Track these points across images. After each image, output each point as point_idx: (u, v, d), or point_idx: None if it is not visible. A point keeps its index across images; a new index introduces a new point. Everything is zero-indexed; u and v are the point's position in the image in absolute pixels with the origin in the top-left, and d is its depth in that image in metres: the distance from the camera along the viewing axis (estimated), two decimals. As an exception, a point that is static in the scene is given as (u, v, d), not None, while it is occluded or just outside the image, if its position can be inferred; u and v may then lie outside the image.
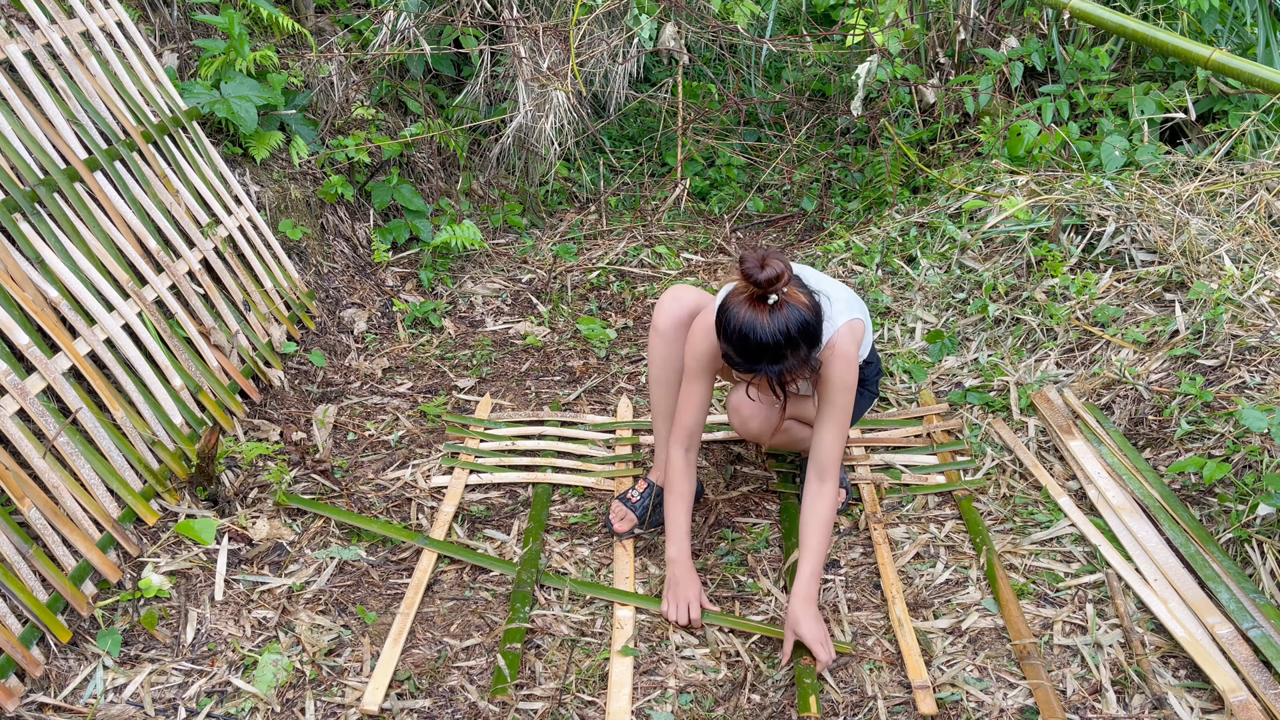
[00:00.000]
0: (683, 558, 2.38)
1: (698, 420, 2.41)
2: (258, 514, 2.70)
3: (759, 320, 2.04)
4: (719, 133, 5.28)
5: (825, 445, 2.28)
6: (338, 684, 2.20)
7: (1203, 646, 2.11)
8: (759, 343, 2.05)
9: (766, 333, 2.04)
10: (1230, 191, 3.51)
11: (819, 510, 2.27)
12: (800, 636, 2.19)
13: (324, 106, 4.10)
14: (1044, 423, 2.91)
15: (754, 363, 2.09)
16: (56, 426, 2.40)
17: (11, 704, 2.04)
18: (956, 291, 3.58)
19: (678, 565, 2.38)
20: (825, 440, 2.28)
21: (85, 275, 2.75)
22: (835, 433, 2.28)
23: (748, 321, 2.05)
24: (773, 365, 2.09)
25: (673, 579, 2.38)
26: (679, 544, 2.38)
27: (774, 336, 2.04)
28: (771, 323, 2.04)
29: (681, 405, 2.40)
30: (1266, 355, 2.74)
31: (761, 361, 2.08)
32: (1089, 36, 4.30)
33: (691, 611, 2.34)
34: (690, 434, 2.41)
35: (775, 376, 2.10)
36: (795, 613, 2.20)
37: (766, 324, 2.04)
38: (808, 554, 2.24)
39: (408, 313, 3.82)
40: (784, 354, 2.06)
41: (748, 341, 2.06)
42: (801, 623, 2.19)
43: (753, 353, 2.07)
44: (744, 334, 2.06)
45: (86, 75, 3.10)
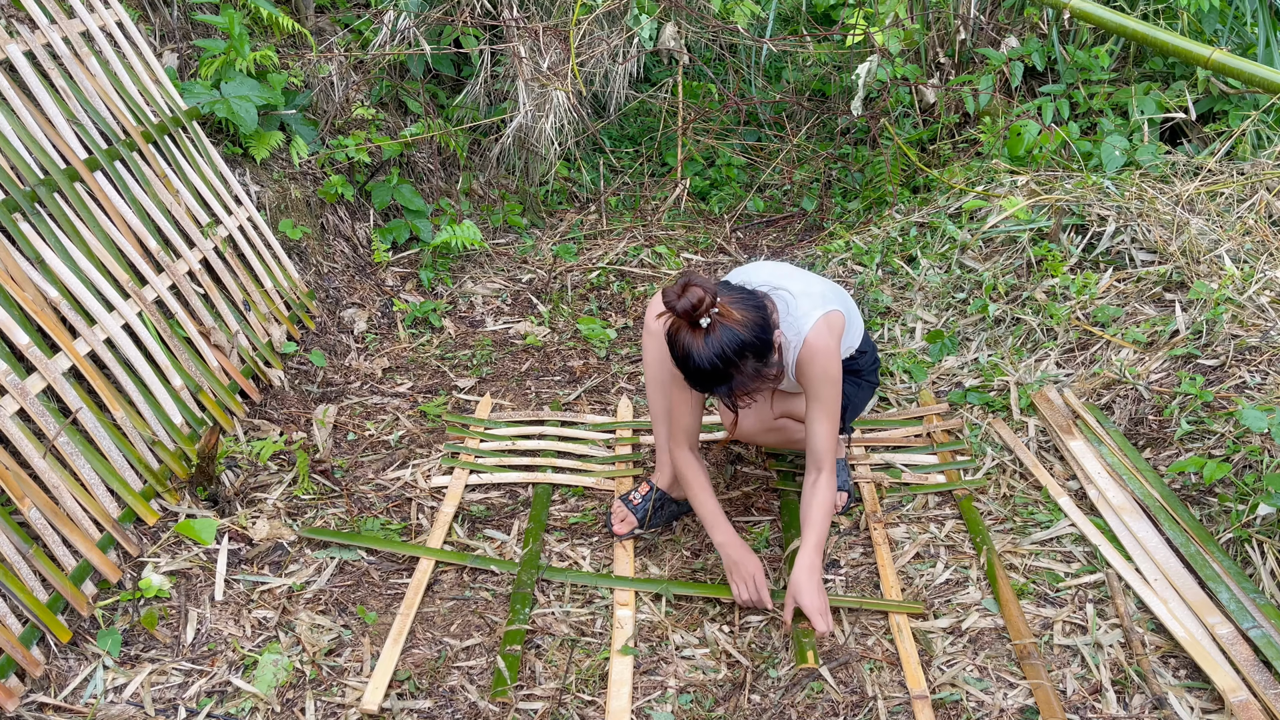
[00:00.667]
0: (733, 539, 2.40)
1: (695, 420, 2.44)
2: (258, 514, 2.70)
3: (694, 346, 2.06)
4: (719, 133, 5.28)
5: (817, 437, 2.32)
6: (338, 684, 2.20)
7: (1203, 646, 2.11)
8: (698, 368, 2.08)
9: (703, 358, 2.06)
10: (1230, 191, 3.51)
11: (816, 496, 2.32)
12: (800, 605, 2.24)
13: (324, 106, 4.10)
14: (1044, 423, 2.91)
15: (702, 386, 2.13)
16: (56, 426, 2.40)
17: (11, 704, 2.04)
18: (956, 291, 3.58)
19: (731, 547, 2.40)
20: (817, 433, 2.32)
21: (85, 275, 2.75)
22: (826, 425, 2.31)
23: (684, 347, 2.08)
24: (720, 385, 2.11)
25: (731, 562, 2.39)
26: (724, 529, 2.41)
27: (710, 361, 2.06)
28: (706, 347, 2.06)
29: (677, 408, 2.42)
30: (1266, 355, 2.74)
31: (709, 385, 2.11)
32: (1089, 36, 4.30)
33: (760, 587, 2.36)
34: (690, 434, 2.44)
35: (725, 395, 2.14)
36: (797, 581, 2.25)
37: (701, 349, 2.06)
38: (809, 529, 2.31)
39: (408, 313, 3.82)
40: (728, 374, 2.09)
41: (690, 368, 2.09)
42: (803, 592, 2.24)
43: (699, 378, 2.11)
44: (684, 361, 2.09)
45: (86, 75, 3.10)
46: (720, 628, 2.35)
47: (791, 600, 2.26)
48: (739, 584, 2.36)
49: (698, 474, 2.44)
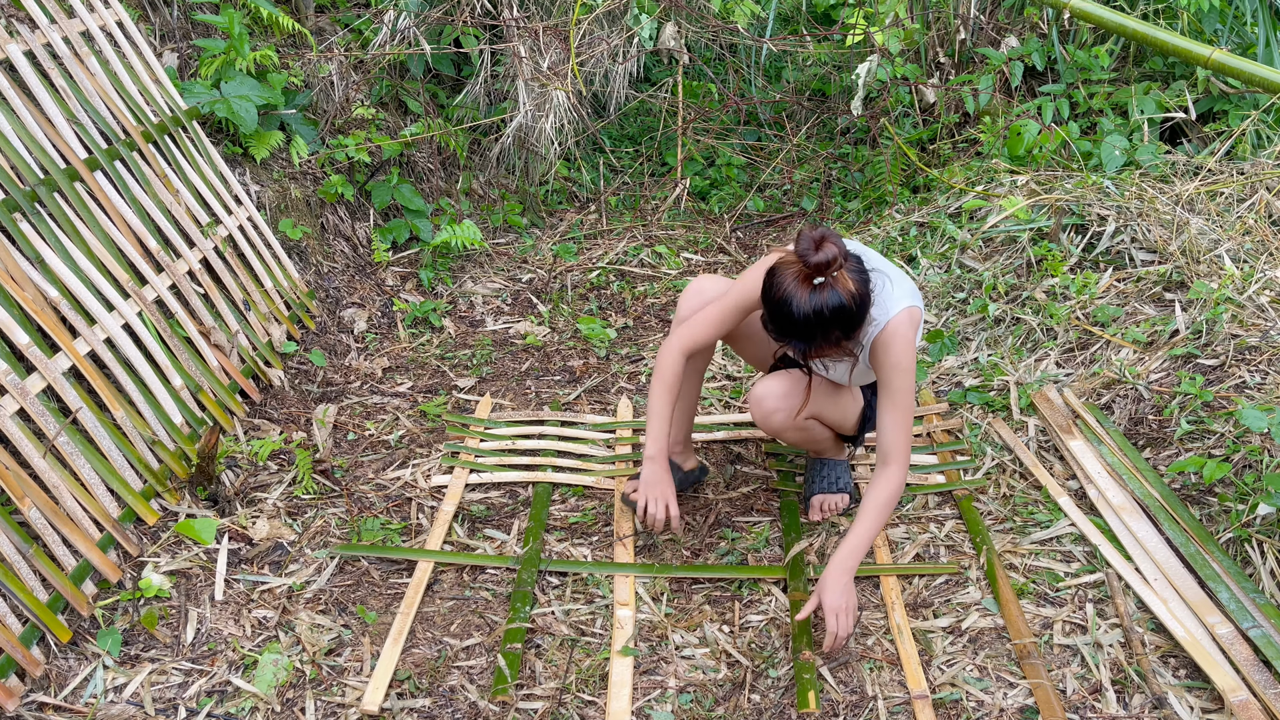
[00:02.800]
0: (660, 455, 2.37)
1: (710, 340, 2.39)
2: (258, 514, 2.70)
3: (798, 296, 2.04)
4: (719, 132, 5.28)
5: (887, 430, 2.26)
6: (338, 684, 2.20)
7: (1203, 646, 2.11)
8: (791, 318, 2.06)
9: (801, 310, 2.05)
10: (1230, 191, 3.51)
11: (876, 493, 2.24)
12: (821, 601, 2.19)
13: (324, 106, 4.10)
14: (1044, 422, 2.91)
15: (783, 335, 2.11)
16: (56, 426, 2.40)
17: (11, 704, 2.04)
18: (956, 291, 3.58)
19: (656, 463, 2.36)
20: (886, 425, 2.26)
21: (85, 275, 2.75)
22: (896, 417, 2.25)
23: (787, 295, 2.05)
24: (800, 342, 2.10)
25: (650, 476, 2.36)
26: (659, 441, 2.36)
27: (807, 316, 2.05)
28: (809, 301, 2.04)
29: (707, 316, 2.37)
30: (1266, 355, 2.74)
31: (790, 336, 2.10)
32: (1089, 36, 4.30)
33: (670, 509, 2.33)
34: (697, 345, 2.39)
35: (800, 352, 2.13)
36: (826, 578, 2.21)
37: (804, 301, 2.04)
38: (856, 526, 2.23)
39: (408, 312, 3.82)
40: (814, 334, 2.07)
41: (781, 313, 2.07)
42: (827, 589, 2.19)
43: (784, 325, 2.09)
44: (780, 305, 2.07)
45: (86, 75, 3.10)
46: (720, 628, 2.35)
47: (817, 595, 2.21)
48: (647, 500, 2.35)
49: (672, 375, 2.36)
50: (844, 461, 2.73)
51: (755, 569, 2.48)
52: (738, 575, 2.47)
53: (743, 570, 2.48)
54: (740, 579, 2.48)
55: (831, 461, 2.70)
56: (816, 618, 2.27)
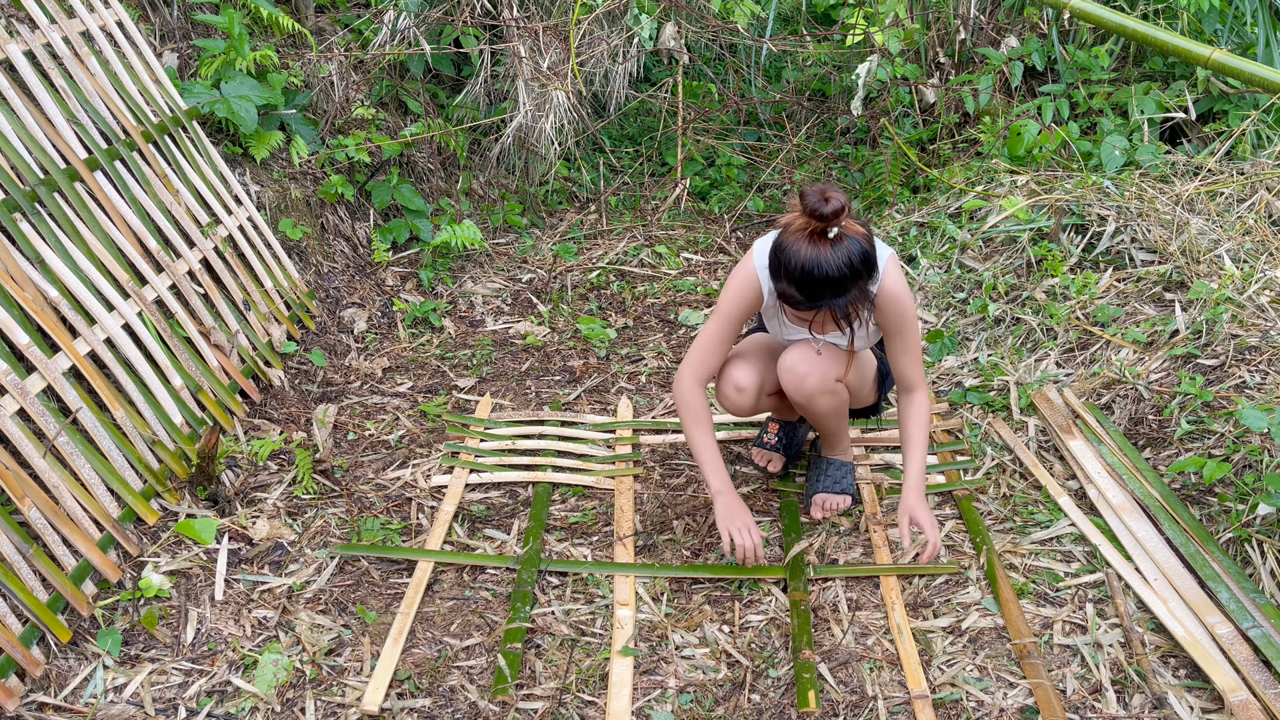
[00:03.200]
0: (729, 489, 2.42)
1: (719, 364, 2.43)
2: (258, 514, 2.70)
3: (822, 255, 2.05)
4: (719, 133, 5.28)
5: (906, 366, 2.38)
6: (338, 684, 2.20)
7: (1203, 646, 2.11)
8: (825, 277, 2.06)
9: (832, 265, 2.05)
10: (1230, 191, 3.51)
11: (915, 415, 2.40)
12: (917, 521, 2.34)
13: (324, 106, 4.10)
14: (1044, 422, 2.91)
15: (818, 299, 2.11)
16: (56, 426, 2.40)
17: (11, 704, 2.04)
18: (956, 291, 3.58)
19: (727, 495, 2.41)
20: (904, 363, 2.37)
21: (85, 275, 2.75)
22: (912, 354, 2.37)
23: (811, 258, 2.06)
24: (837, 298, 2.11)
25: (725, 509, 2.41)
26: (721, 475, 2.42)
27: (839, 269, 2.06)
28: (835, 256, 2.05)
29: (708, 346, 2.39)
30: (1266, 355, 2.74)
31: (825, 296, 2.10)
32: (1089, 36, 4.31)
33: (754, 536, 2.38)
34: (710, 373, 2.42)
35: (840, 309, 2.13)
36: (909, 501, 2.36)
37: (830, 257, 2.05)
38: (913, 450, 2.40)
39: (408, 312, 3.82)
40: (848, 286, 2.09)
41: (812, 277, 2.07)
42: (915, 508, 2.35)
43: (818, 288, 2.09)
44: (808, 270, 2.07)
45: (86, 75, 3.10)
46: (720, 628, 2.35)
47: (905, 518, 2.35)
48: (733, 532, 2.37)
49: (705, 410, 2.41)
50: (849, 463, 2.73)
51: (755, 569, 2.48)
52: (738, 575, 2.47)
53: (743, 570, 2.48)
54: (740, 579, 2.48)
55: (837, 461, 2.71)
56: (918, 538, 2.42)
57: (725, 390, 2.56)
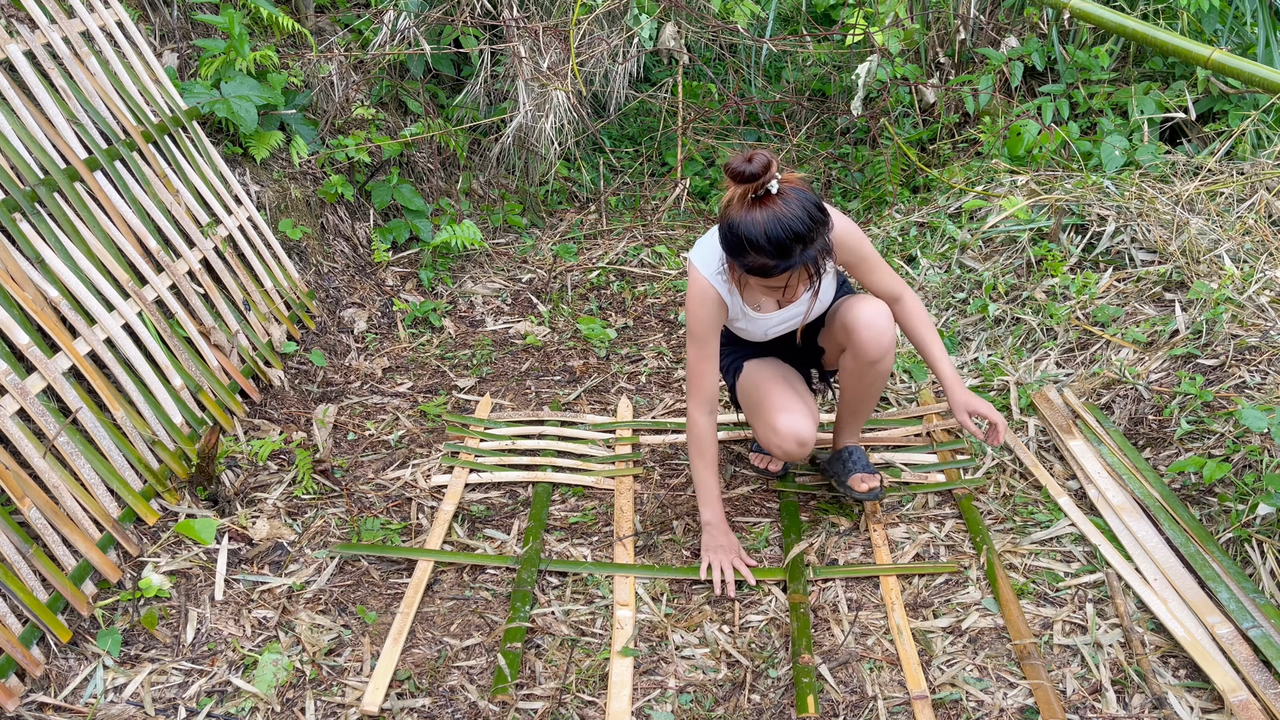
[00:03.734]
0: (719, 520, 2.46)
1: (714, 385, 2.43)
2: (258, 514, 2.70)
3: (778, 212, 2.03)
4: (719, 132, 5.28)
5: (884, 283, 2.43)
6: (338, 684, 2.20)
7: (1203, 646, 2.11)
8: (791, 231, 2.03)
9: (792, 218, 2.03)
10: (1230, 191, 3.51)
11: (916, 315, 2.47)
12: (975, 410, 2.41)
13: (324, 106, 4.10)
14: (1044, 422, 2.91)
15: (789, 256, 2.07)
16: (56, 426, 2.40)
17: (11, 704, 2.04)
18: (956, 291, 3.58)
19: (715, 528, 2.46)
20: (881, 282, 2.43)
21: (85, 275, 2.75)
22: (882, 272, 2.42)
23: (769, 219, 2.04)
24: (808, 250, 2.08)
25: (712, 542, 2.45)
26: (714, 507, 2.45)
27: (800, 219, 2.04)
28: (789, 208, 2.04)
29: (698, 371, 2.39)
30: (1266, 355, 2.74)
31: (796, 250, 2.07)
32: (1089, 36, 4.30)
33: (739, 567, 2.44)
34: (712, 399, 2.42)
35: (812, 261, 2.10)
36: (961, 396, 2.43)
37: (786, 211, 2.03)
38: (935, 346, 2.46)
39: (408, 312, 3.82)
40: (815, 233, 2.07)
41: (778, 237, 2.04)
42: (973, 399, 2.42)
43: (787, 246, 2.05)
44: (771, 232, 2.04)
45: (86, 75, 3.10)
46: (720, 628, 2.35)
47: (963, 413, 2.42)
48: (715, 565, 2.45)
49: (709, 446, 2.42)
50: (862, 448, 2.71)
51: (755, 570, 2.48)
52: (738, 576, 2.47)
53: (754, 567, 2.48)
54: (740, 579, 2.47)
55: (853, 448, 2.68)
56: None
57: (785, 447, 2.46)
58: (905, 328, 2.48)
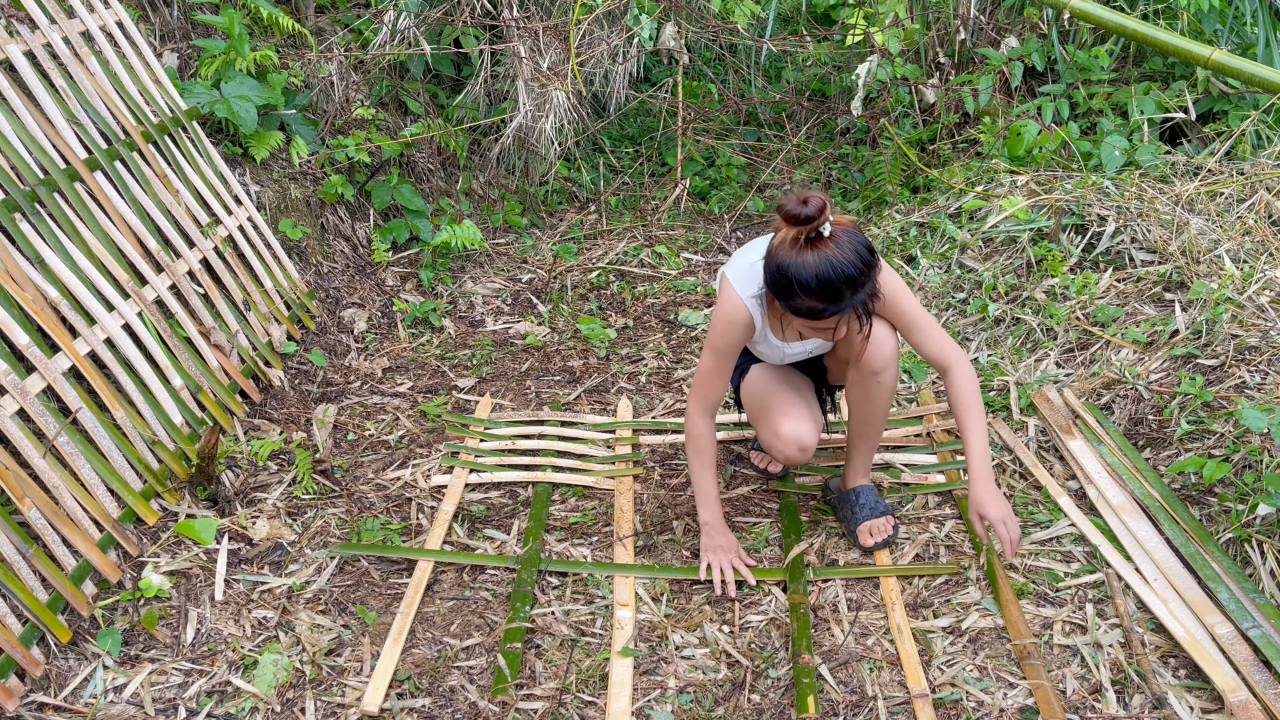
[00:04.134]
0: (717, 521, 2.46)
1: (722, 394, 2.42)
2: (258, 514, 2.70)
3: (830, 256, 2.01)
4: (719, 133, 5.28)
5: (934, 343, 2.32)
6: (338, 684, 2.20)
7: (1203, 646, 2.11)
8: (844, 276, 2.01)
9: (845, 262, 2.01)
10: (1230, 191, 3.51)
11: (963, 390, 2.29)
12: (986, 516, 2.24)
13: (324, 106, 4.10)
14: (1044, 422, 2.91)
15: (840, 301, 2.05)
16: (56, 426, 2.40)
17: (11, 704, 2.04)
18: (956, 291, 3.58)
19: (714, 528, 2.46)
20: (926, 341, 2.32)
21: (85, 275, 2.75)
22: (933, 331, 2.32)
23: (822, 263, 2.01)
24: (858, 294, 2.06)
25: (710, 543, 2.46)
26: (712, 508, 2.45)
27: (853, 265, 2.02)
28: (842, 252, 2.01)
29: (709, 379, 2.38)
30: (1266, 355, 2.74)
31: (846, 295, 2.04)
32: (1089, 36, 4.31)
33: (739, 567, 2.44)
34: (715, 405, 2.42)
35: (862, 305, 2.09)
36: (979, 494, 2.25)
37: (838, 255, 2.01)
38: (973, 432, 2.28)
39: (408, 312, 3.82)
40: (866, 277, 2.05)
41: (829, 281, 2.01)
42: (987, 503, 2.24)
43: (839, 290, 2.03)
44: (824, 277, 2.01)
45: (86, 75, 3.10)
46: (720, 628, 2.35)
47: (975, 515, 2.27)
48: (715, 566, 2.45)
49: (708, 448, 2.42)
50: (872, 486, 2.65)
51: (755, 570, 2.48)
52: (738, 576, 2.47)
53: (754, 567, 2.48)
54: (740, 579, 2.47)
55: (863, 488, 2.62)
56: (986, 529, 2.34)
57: (787, 452, 2.47)
58: (950, 399, 2.33)
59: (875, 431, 2.56)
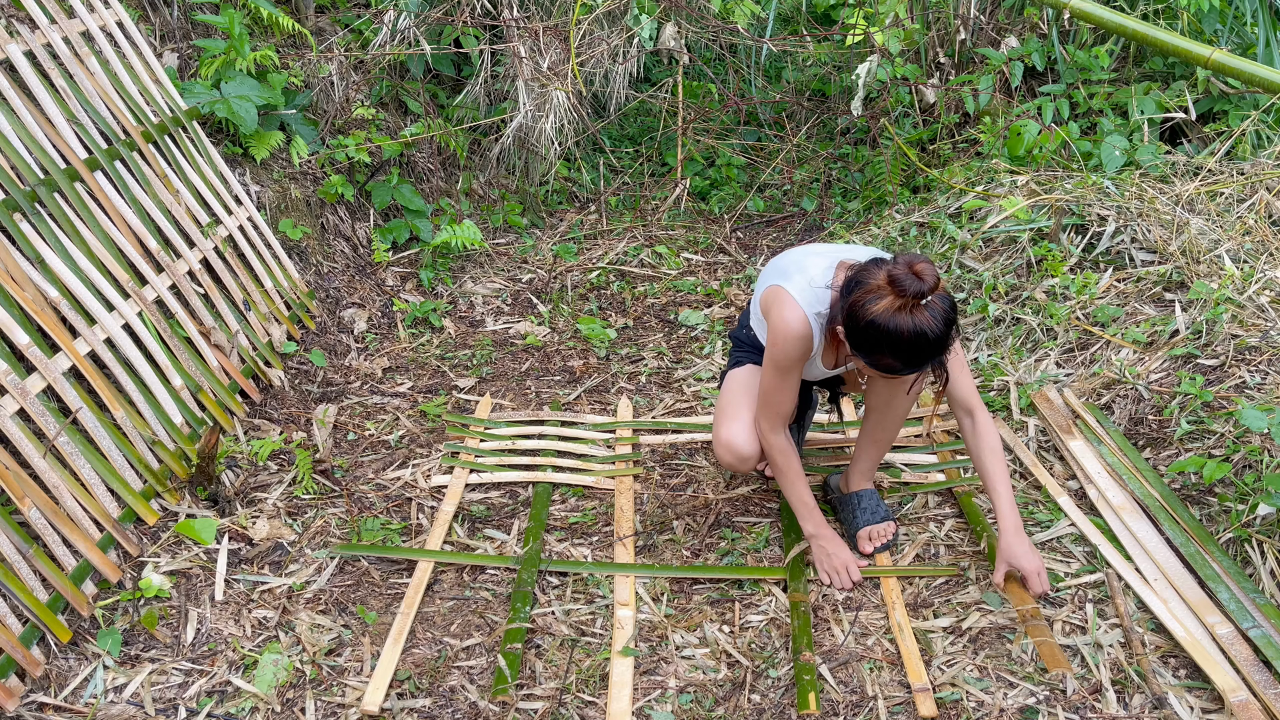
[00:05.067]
0: (824, 528, 2.46)
1: (791, 407, 2.43)
2: (258, 514, 2.70)
3: (924, 323, 2.04)
4: (719, 133, 5.28)
5: (962, 386, 2.34)
6: (338, 684, 2.20)
7: (1203, 646, 2.11)
8: (930, 344, 2.06)
9: (936, 331, 2.05)
10: (1230, 191, 3.51)
11: (986, 442, 2.34)
12: (1020, 568, 2.29)
13: (324, 106, 4.10)
14: (1044, 422, 2.91)
15: (920, 365, 2.11)
16: (56, 426, 2.40)
17: (12, 704, 2.04)
18: (957, 291, 3.58)
19: (824, 538, 2.46)
20: (960, 382, 2.33)
21: (85, 275, 2.75)
22: (962, 369, 2.33)
23: (913, 330, 2.04)
24: (938, 358, 2.12)
25: (822, 551, 2.46)
26: (814, 518, 2.47)
27: (941, 333, 2.06)
28: (934, 320, 2.05)
29: (775, 395, 2.38)
30: (1266, 355, 2.74)
31: (928, 358, 2.10)
32: (1089, 36, 4.30)
33: (853, 575, 2.44)
34: (786, 419, 2.43)
35: (938, 364, 2.16)
36: (1011, 546, 2.29)
37: (931, 324, 2.04)
38: (999, 485, 2.32)
39: (408, 312, 3.82)
40: (948, 341, 2.10)
41: (920, 347, 2.06)
42: (1021, 555, 2.28)
43: (925, 354, 2.08)
44: (913, 344, 2.06)
45: (86, 75, 3.10)
46: (720, 628, 2.35)
47: (1004, 564, 2.30)
48: (831, 573, 2.45)
49: (795, 459, 2.44)
50: (874, 490, 2.66)
51: (755, 569, 2.48)
52: (738, 575, 2.47)
53: (743, 571, 2.48)
54: (740, 579, 2.48)
55: (864, 492, 2.63)
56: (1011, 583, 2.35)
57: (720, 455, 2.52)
58: (971, 448, 2.37)
59: (889, 438, 2.60)
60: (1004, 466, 2.34)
